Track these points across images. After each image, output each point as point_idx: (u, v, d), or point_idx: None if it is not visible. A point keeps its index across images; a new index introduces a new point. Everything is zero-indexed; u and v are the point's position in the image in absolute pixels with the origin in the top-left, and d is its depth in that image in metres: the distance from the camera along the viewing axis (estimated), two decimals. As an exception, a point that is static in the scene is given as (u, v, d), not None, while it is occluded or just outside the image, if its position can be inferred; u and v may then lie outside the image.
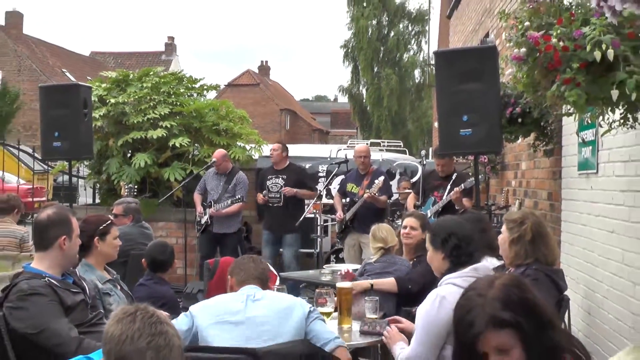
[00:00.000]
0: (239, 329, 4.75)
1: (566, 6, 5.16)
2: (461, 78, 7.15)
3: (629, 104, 4.77)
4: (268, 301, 4.97)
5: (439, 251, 5.06)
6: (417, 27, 52.10)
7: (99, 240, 5.82)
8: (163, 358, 2.78)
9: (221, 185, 11.47)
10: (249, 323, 4.79)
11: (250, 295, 4.94)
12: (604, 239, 6.48)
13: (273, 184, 11.56)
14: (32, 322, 4.65)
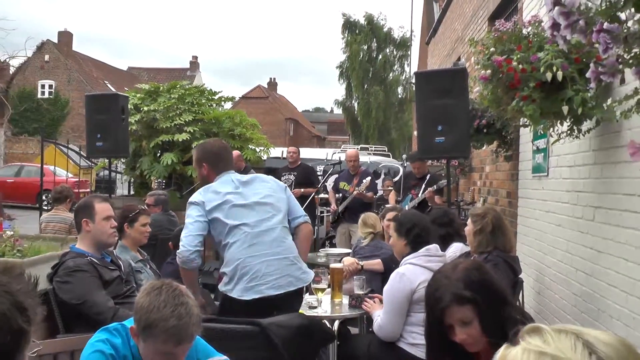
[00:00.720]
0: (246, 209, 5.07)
1: (525, 35, 5.18)
2: (437, 94, 7.15)
3: (575, 118, 4.79)
4: (258, 182, 5.33)
5: (402, 238, 5.26)
6: (401, 51, 52.10)
7: (128, 226, 5.89)
8: (184, 324, 2.80)
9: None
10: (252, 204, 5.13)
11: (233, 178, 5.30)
12: (552, 231, 6.50)
13: (286, 179, 11.64)
14: (76, 294, 4.66)
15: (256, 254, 4.90)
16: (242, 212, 5.02)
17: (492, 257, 5.29)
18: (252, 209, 5.07)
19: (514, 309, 2.98)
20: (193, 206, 5.07)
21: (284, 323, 4.47)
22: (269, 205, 5.14)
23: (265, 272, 4.85)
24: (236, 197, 5.06)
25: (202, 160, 5.37)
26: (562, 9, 2.30)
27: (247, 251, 4.89)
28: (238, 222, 4.96)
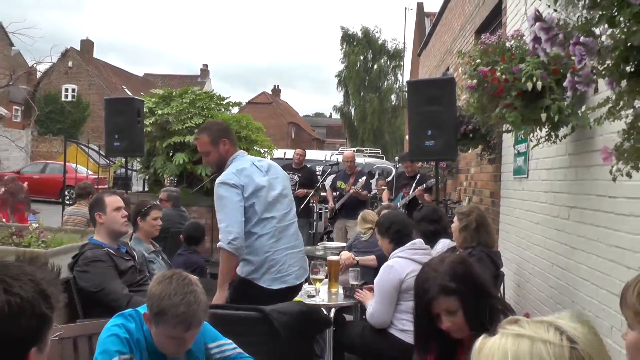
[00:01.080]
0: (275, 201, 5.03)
1: (508, 48, 5.19)
2: (427, 102, 7.15)
3: (552, 124, 4.79)
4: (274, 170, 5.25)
5: (385, 237, 5.33)
6: (394, 62, 52.09)
7: (140, 220, 5.91)
8: (192, 311, 2.82)
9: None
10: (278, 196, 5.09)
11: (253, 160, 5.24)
12: (531, 228, 6.50)
13: (290, 178, 11.59)
14: (94, 282, 4.67)
15: (282, 247, 4.94)
16: (272, 204, 4.98)
17: (476, 252, 5.29)
18: (278, 202, 5.05)
19: (495, 300, 3.00)
20: (232, 189, 4.83)
21: (284, 310, 4.50)
22: (287, 198, 5.21)
23: (290, 264, 4.96)
24: (267, 187, 4.99)
25: (222, 137, 5.09)
26: (543, 25, 2.30)
27: (276, 244, 4.90)
28: (269, 215, 4.93)
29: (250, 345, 4.04)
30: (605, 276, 4.37)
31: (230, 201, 4.79)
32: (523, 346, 1.45)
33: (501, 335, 1.52)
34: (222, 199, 4.82)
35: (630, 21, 1.87)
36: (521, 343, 1.46)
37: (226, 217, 4.79)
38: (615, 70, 2.08)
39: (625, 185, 3.68)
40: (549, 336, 1.45)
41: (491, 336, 1.56)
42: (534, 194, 6.40)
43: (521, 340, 1.46)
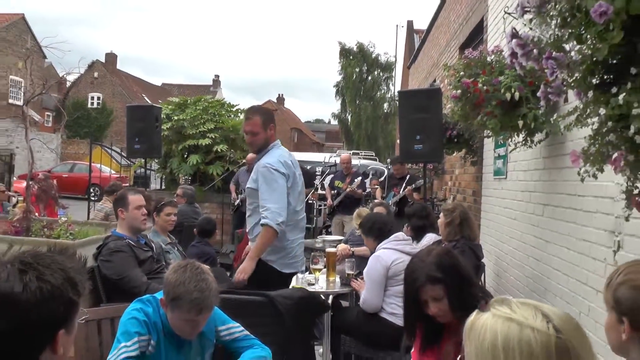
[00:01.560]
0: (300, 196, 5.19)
1: (488, 62, 5.20)
2: (416, 110, 7.16)
3: (528, 130, 4.81)
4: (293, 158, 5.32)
5: (369, 237, 5.34)
6: (387, 74, 51.94)
7: (156, 215, 5.91)
8: (204, 297, 2.84)
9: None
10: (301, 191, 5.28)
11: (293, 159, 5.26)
12: (509, 224, 6.51)
13: None
14: (116, 270, 4.68)
15: (296, 237, 5.10)
16: (298, 197, 5.10)
17: (459, 245, 5.31)
18: (301, 195, 5.20)
19: (477, 288, 3.02)
20: (282, 176, 4.87)
21: (287, 295, 4.53)
22: (304, 193, 5.38)
23: (299, 253, 5.18)
24: (299, 182, 5.12)
25: (271, 122, 5.12)
26: (519, 41, 2.31)
27: (293, 234, 5.03)
28: (297, 207, 5.08)
29: (258, 325, 4.09)
30: (575, 266, 4.39)
31: (281, 187, 4.82)
32: (513, 330, 1.46)
33: (492, 315, 1.54)
34: (273, 183, 4.82)
35: (595, 39, 1.88)
36: (511, 327, 1.47)
37: (278, 200, 4.79)
38: (582, 82, 2.10)
39: (592, 185, 3.69)
40: (537, 323, 1.46)
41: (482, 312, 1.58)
42: (512, 193, 6.40)
43: (511, 324, 1.48)
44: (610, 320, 1.95)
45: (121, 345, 2.87)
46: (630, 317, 1.86)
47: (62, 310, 1.68)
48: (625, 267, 1.98)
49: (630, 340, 1.86)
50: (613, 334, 1.94)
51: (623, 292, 1.89)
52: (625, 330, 1.87)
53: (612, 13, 1.74)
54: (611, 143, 1.99)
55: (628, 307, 1.86)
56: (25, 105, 7.76)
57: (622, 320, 1.88)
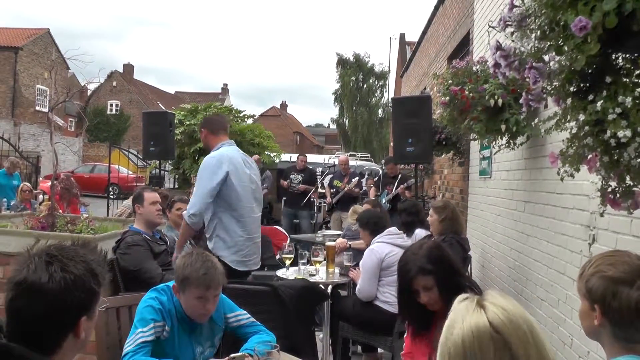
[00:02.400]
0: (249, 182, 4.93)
1: (474, 71, 5.20)
2: (408, 115, 7.15)
3: (511, 134, 4.81)
4: (249, 159, 5.22)
5: (365, 229, 5.34)
6: (381, 82, 51.94)
7: (168, 211, 5.91)
8: (211, 273, 2.91)
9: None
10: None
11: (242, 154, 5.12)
12: (493, 219, 6.51)
13: (295, 178, 11.66)
14: (133, 263, 4.68)
15: (250, 236, 4.89)
16: (250, 195, 4.93)
17: (448, 239, 5.31)
18: (254, 195, 5.01)
19: (464, 278, 3.03)
20: (206, 170, 4.78)
21: (290, 285, 4.62)
22: (260, 195, 5.21)
23: (253, 252, 4.94)
24: (249, 180, 4.95)
25: (202, 126, 5.21)
26: (502, 53, 2.31)
27: (245, 231, 4.84)
28: (248, 205, 4.89)
29: (263, 312, 4.13)
30: (554, 258, 4.39)
31: (204, 181, 4.70)
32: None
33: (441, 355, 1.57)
34: (200, 177, 4.75)
35: (574, 50, 1.88)
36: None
37: (196, 193, 4.72)
38: (561, 90, 2.10)
39: (569, 184, 3.69)
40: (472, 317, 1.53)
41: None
42: (496, 191, 6.41)
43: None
44: (583, 308, 1.98)
45: (138, 330, 2.88)
46: (601, 305, 1.89)
47: (84, 298, 1.69)
48: (596, 259, 2.00)
49: (601, 325, 1.90)
50: (586, 321, 1.98)
51: (594, 282, 1.91)
52: (597, 317, 1.90)
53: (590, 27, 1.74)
54: (587, 145, 1.99)
55: (599, 295, 1.89)
56: (50, 112, 7.77)
57: (594, 308, 1.91)
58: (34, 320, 1.63)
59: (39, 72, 39.91)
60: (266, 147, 14.06)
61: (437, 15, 12.47)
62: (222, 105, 15.32)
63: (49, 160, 19.35)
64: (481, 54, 6.38)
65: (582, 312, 1.99)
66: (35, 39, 40.40)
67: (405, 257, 2.97)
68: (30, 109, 39.10)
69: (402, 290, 2.96)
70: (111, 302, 3.38)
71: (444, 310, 2.82)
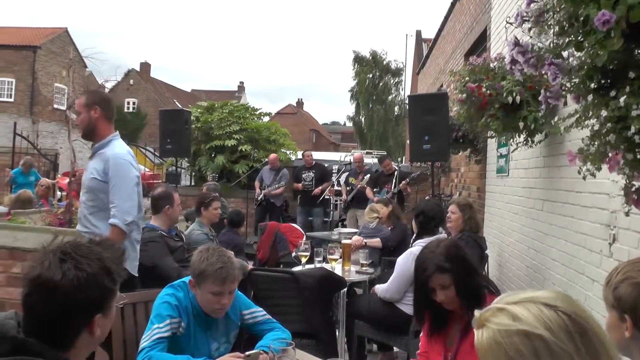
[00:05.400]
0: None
1: (491, 68, 5.16)
2: (424, 112, 7.11)
3: (529, 131, 4.77)
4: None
5: (415, 221, 5.19)
6: (397, 79, 51.72)
7: (204, 209, 5.93)
8: (227, 268, 2.92)
9: (272, 177, 11.53)
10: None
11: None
12: (510, 218, 6.46)
13: (307, 176, 11.67)
14: (149, 258, 4.71)
15: (139, 238, 4.28)
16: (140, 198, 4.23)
17: (465, 237, 5.26)
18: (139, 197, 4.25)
19: (481, 277, 3.01)
20: (134, 169, 4.09)
21: (310, 273, 4.85)
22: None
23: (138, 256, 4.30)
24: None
25: (96, 104, 4.13)
26: (520, 49, 2.28)
27: (139, 234, 4.24)
28: (143, 208, 4.41)
29: (285, 297, 4.62)
30: (572, 257, 4.34)
31: (133, 182, 4.04)
32: (537, 344, 1.31)
33: (501, 332, 1.36)
34: (125, 177, 4.00)
35: (595, 46, 1.84)
36: (533, 340, 1.31)
37: (129, 197, 3.98)
38: (581, 87, 2.06)
39: (588, 182, 3.64)
40: (550, 321, 1.32)
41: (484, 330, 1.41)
42: (513, 189, 6.36)
43: (530, 337, 1.32)
44: (611, 319, 1.80)
45: (154, 326, 2.90)
46: (632, 315, 1.72)
47: (98, 296, 1.70)
48: (624, 266, 1.83)
49: (633, 337, 1.72)
50: (615, 333, 1.78)
51: (624, 289, 1.74)
52: (628, 328, 1.73)
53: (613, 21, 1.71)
54: (609, 143, 1.95)
55: (629, 304, 1.72)
56: (68, 110, 7.83)
57: (624, 318, 1.74)
58: (48, 317, 1.64)
59: (57, 71, 40.22)
60: (282, 144, 14.09)
61: (454, 12, 12.40)
62: (238, 103, 15.35)
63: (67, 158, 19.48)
64: (499, 51, 6.33)
65: (611, 323, 1.81)
66: (54, 38, 40.75)
67: (422, 255, 2.95)
68: (48, 107, 39.43)
69: (419, 289, 2.94)
70: (127, 298, 3.40)
71: (460, 310, 2.81)
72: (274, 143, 13.81)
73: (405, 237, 6.63)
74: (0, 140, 23.52)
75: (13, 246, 5.08)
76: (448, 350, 2.86)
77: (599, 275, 3.75)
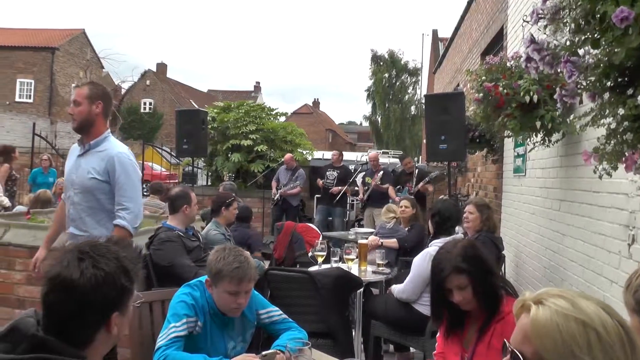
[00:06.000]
0: None
1: (508, 67, 5.13)
2: (441, 112, 7.09)
3: (546, 131, 4.75)
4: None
5: (431, 222, 5.19)
6: (414, 78, 51.49)
7: (224, 209, 5.96)
8: (243, 267, 2.94)
9: (288, 176, 11.56)
10: None
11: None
12: (527, 218, 6.43)
13: (330, 174, 11.66)
14: (166, 258, 4.75)
15: None
16: None
17: (481, 237, 5.25)
18: None
19: (498, 278, 2.99)
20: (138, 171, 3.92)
21: (326, 273, 4.85)
22: None
23: None
24: None
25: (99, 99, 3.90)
26: (535, 46, 2.27)
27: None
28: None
29: (301, 297, 4.66)
30: (590, 258, 4.31)
31: (140, 184, 3.90)
32: (591, 335, 1.32)
33: (560, 314, 1.37)
34: (135, 177, 3.84)
35: (612, 43, 1.83)
36: (587, 330, 1.33)
37: (138, 199, 3.85)
38: (597, 85, 2.05)
39: (606, 182, 3.62)
40: (607, 321, 1.34)
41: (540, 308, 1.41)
42: (531, 189, 6.33)
43: (586, 327, 1.33)
44: (633, 324, 1.73)
45: (171, 325, 2.92)
46: None
47: (115, 295, 1.72)
48: None
49: None
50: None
51: None
52: None
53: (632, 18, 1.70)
54: (626, 142, 1.94)
55: None
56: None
57: None
58: (66, 315, 1.66)
59: (75, 72, 40.65)
60: (298, 144, 14.11)
61: (470, 11, 12.35)
62: (254, 103, 15.39)
63: (84, 158, 19.60)
64: (515, 49, 6.29)
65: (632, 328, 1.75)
66: (71, 39, 41.19)
67: (439, 256, 2.95)
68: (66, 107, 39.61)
69: (435, 289, 2.94)
70: (144, 297, 3.42)
71: (476, 310, 2.81)
72: (290, 143, 13.84)
73: (422, 238, 6.62)
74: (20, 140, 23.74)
75: (32, 245, 5.16)
76: (465, 350, 2.85)
77: (618, 277, 3.72)
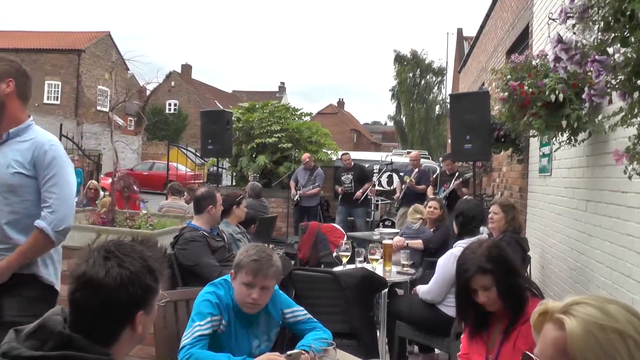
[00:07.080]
0: None
1: (534, 65, 5.10)
2: (466, 111, 7.05)
3: (572, 130, 4.71)
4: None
5: (456, 222, 5.15)
6: (438, 78, 51.37)
7: (235, 207, 5.98)
8: (262, 262, 2.96)
9: (306, 177, 11.58)
10: None
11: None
12: (553, 218, 6.37)
13: (346, 178, 11.68)
14: (191, 258, 4.80)
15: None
16: None
17: (506, 238, 5.22)
18: None
19: (523, 279, 2.97)
20: (72, 165, 3.18)
21: (351, 273, 4.86)
22: None
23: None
24: None
25: (9, 76, 3.03)
26: (563, 46, 2.25)
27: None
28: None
29: (326, 297, 4.68)
30: (618, 260, 4.26)
31: (74, 181, 3.17)
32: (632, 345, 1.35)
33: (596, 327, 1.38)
34: (68, 174, 3.10)
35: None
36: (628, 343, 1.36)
37: (69, 199, 3.09)
38: (627, 83, 2.03)
39: (634, 182, 3.57)
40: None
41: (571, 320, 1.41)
42: (556, 189, 6.27)
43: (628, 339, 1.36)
44: None
45: (195, 324, 2.94)
46: None
47: (140, 294, 1.73)
48: None
49: None
50: None
51: None
52: None
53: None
54: (656, 141, 1.91)
55: None
56: (111, 112, 8.01)
57: None
58: (91, 313, 1.68)
59: (100, 74, 41.17)
60: (323, 144, 14.14)
61: (495, 9, 12.26)
62: (279, 103, 15.46)
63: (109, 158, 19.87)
64: (541, 48, 6.23)
65: None
66: (97, 41, 41.74)
67: (463, 256, 2.94)
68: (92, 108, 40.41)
69: (460, 290, 2.93)
70: (169, 296, 3.45)
71: (501, 311, 2.79)
72: (314, 143, 13.87)
73: (447, 239, 6.60)
74: (47, 141, 24.05)
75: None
76: (489, 352, 2.84)
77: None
